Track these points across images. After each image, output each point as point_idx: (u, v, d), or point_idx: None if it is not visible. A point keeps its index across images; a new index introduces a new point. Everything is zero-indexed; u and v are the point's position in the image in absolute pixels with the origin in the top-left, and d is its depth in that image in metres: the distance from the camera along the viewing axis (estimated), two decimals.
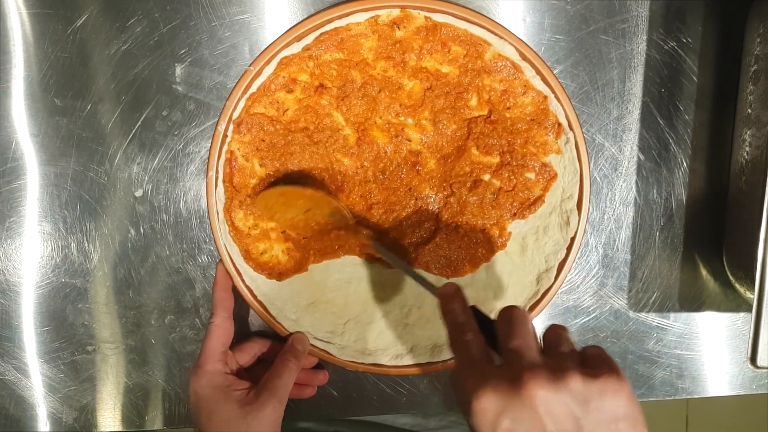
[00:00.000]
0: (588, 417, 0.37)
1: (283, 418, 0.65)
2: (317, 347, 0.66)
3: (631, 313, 0.70)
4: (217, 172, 0.63)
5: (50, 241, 0.66)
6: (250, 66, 0.62)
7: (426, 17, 0.62)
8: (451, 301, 0.49)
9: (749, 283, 0.63)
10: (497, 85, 0.64)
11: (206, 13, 0.64)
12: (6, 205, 0.65)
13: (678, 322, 0.71)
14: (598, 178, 0.68)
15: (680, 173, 0.69)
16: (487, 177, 0.65)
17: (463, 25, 0.63)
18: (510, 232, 0.66)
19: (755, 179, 0.62)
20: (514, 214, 0.66)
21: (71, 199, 0.66)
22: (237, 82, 0.62)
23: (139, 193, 0.66)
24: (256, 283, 0.65)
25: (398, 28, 0.63)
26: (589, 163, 0.64)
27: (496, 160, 0.65)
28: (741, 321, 0.72)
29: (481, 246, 0.66)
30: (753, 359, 0.57)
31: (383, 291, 0.67)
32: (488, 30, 0.62)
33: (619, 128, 0.68)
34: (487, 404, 0.38)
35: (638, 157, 0.68)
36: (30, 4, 0.63)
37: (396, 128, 0.65)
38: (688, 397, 0.72)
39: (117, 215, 0.66)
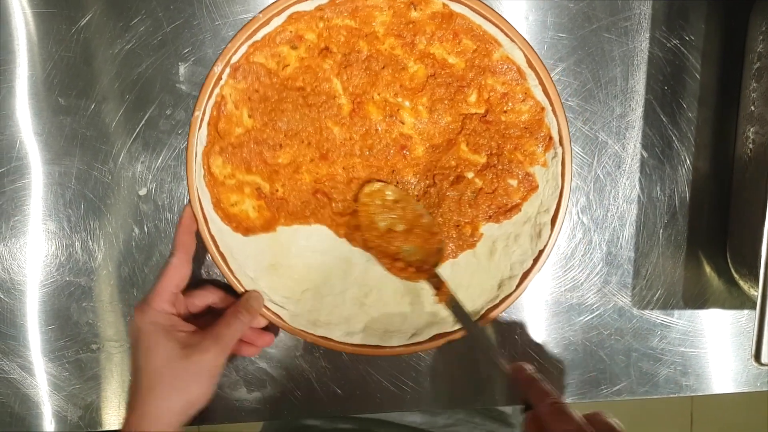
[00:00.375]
0: None
1: (286, 416, 0.65)
2: (270, 310, 0.65)
3: (635, 311, 0.70)
4: (203, 113, 0.62)
5: (54, 239, 0.66)
6: (259, 13, 0.62)
7: (444, 4, 0.62)
8: (530, 377, 0.56)
9: (753, 280, 0.63)
10: (499, 87, 0.64)
11: (209, 12, 0.64)
12: (10, 204, 0.66)
13: (682, 319, 0.71)
14: (602, 176, 0.68)
15: (683, 170, 0.69)
16: (470, 175, 0.65)
17: (478, 20, 0.63)
18: (482, 234, 0.66)
19: (758, 176, 0.62)
20: (489, 217, 0.66)
21: (75, 197, 0.66)
22: (243, 27, 0.62)
23: (143, 191, 0.66)
24: (221, 234, 0.64)
25: (415, 8, 0.62)
26: (571, 182, 0.64)
27: (483, 160, 0.66)
28: (745, 318, 0.72)
29: (451, 241, 0.66)
30: (757, 356, 0.57)
31: (347, 267, 0.67)
32: (502, 30, 0.62)
33: (622, 126, 0.68)
34: None
35: (641, 155, 0.68)
36: (34, 4, 0.63)
37: (392, 108, 0.65)
38: (693, 394, 0.72)
39: (121, 214, 0.66)
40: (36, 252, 0.66)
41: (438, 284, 0.63)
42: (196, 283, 0.65)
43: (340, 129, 0.65)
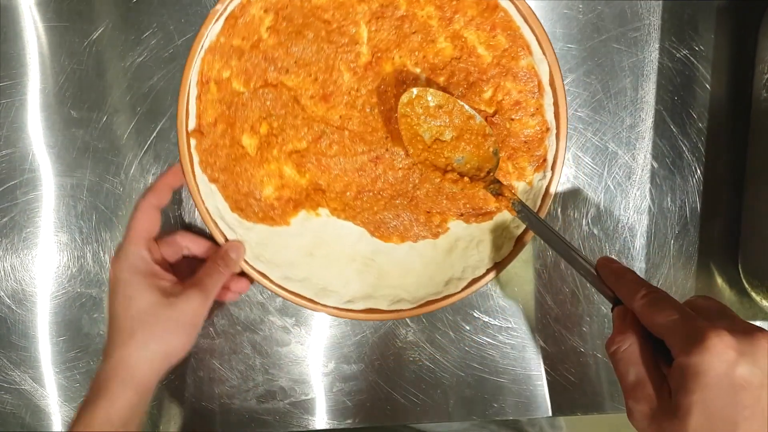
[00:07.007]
0: None
1: (295, 427, 0.65)
2: (255, 268, 0.63)
3: None
4: (225, 8, 0.60)
5: (66, 251, 0.67)
6: None
7: None
8: (618, 269, 0.50)
9: (765, 291, 0.63)
10: (515, 94, 0.63)
11: None
12: (23, 216, 0.66)
13: None
14: (612, 187, 0.68)
15: (694, 181, 0.69)
16: None
17: (519, 21, 0.62)
18: (449, 228, 0.65)
19: None
20: (461, 215, 0.65)
21: (87, 209, 0.66)
22: None
23: None
24: (204, 177, 0.63)
25: None
26: (548, 208, 0.63)
27: None
28: None
29: (417, 225, 0.65)
30: None
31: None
32: (537, 40, 0.62)
33: (632, 136, 0.68)
34: (727, 343, 0.39)
35: (652, 165, 0.68)
36: (46, 18, 0.64)
37: (407, 75, 0.63)
38: None
39: None
40: (48, 263, 0.67)
41: (499, 190, 0.60)
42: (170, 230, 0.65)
43: (350, 76, 0.63)
